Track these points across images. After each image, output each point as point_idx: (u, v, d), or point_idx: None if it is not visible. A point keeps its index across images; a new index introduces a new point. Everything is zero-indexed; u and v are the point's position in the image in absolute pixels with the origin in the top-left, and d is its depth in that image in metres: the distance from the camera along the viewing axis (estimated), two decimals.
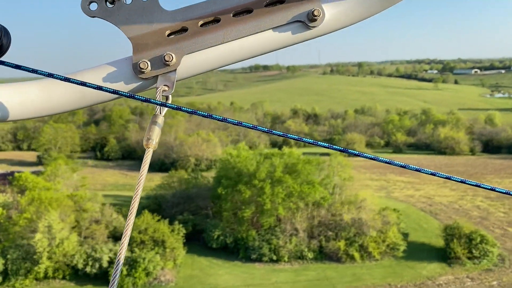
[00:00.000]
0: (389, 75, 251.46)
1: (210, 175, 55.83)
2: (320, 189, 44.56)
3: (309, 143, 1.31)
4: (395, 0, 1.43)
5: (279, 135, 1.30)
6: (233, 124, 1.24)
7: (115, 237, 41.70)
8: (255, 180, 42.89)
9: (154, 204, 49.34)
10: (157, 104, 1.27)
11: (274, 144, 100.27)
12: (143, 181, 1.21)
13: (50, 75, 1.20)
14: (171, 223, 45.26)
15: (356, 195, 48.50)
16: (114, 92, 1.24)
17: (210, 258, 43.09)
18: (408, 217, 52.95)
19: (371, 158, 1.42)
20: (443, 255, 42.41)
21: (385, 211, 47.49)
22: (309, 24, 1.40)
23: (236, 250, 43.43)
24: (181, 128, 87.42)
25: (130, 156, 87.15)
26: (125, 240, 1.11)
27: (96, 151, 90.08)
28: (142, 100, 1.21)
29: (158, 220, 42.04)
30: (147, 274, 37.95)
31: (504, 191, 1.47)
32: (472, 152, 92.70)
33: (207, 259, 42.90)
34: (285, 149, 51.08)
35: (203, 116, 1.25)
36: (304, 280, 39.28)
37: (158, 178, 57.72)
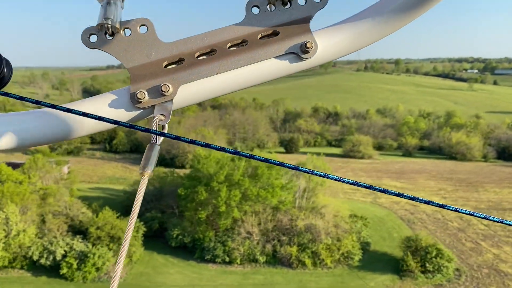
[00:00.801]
0: (426, 74, 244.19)
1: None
2: (280, 194, 44.80)
3: (276, 164, 1.35)
4: (385, 32, 1.48)
5: (246, 157, 1.33)
6: (215, 149, 1.28)
7: (80, 231, 43.57)
8: (214, 182, 43.69)
9: (128, 200, 51.05)
10: (154, 133, 1.33)
11: (281, 143, 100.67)
12: (137, 209, 1.23)
13: (53, 106, 1.26)
14: (139, 220, 46.97)
15: (322, 201, 48.36)
16: (114, 122, 1.30)
17: (168, 256, 44.36)
18: (382, 225, 52.36)
19: (352, 183, 1.39)
20: (398, 267, 41.81)
21: (350, 218, 47.22)
22: (302, 56, 1.44)
23: (193, 250, 44.51)
24: (188, 124, 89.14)
25: (138, 150, 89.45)
26: (121, 259, 1.16)
27: (106, 144, 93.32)
28: (140, 130, 1.27)
29: (118, 217, 43.60)
30: (97, 269, 39.61)
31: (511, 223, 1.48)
32: (485, 158, 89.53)
33: (165, 257, 44.19)
34: (257, 151, 51.20)
35: (201, 145, 1.29)
36: (249, 284, 39.86)
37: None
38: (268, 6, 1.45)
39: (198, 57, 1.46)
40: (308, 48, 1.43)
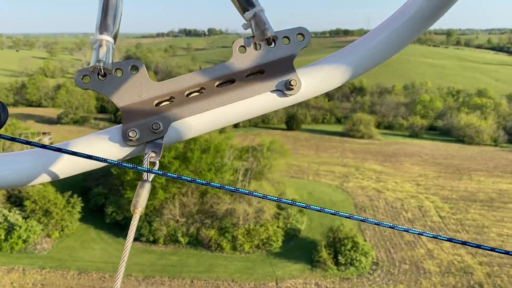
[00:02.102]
0: (478, 47, 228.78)
1: None
2: (209, 176, 45.18)
3: (231, 190, 1.51)
4: (366, 68, 1.61)
5: (216, 187, 1.43)
6: (201, 184, 1.37)
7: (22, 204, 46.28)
8: None
9: (83, 175, 53.44)
10: (145, 171, 1.37)
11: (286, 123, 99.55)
12: (129, 246, 1.28)
13: (43, 147, 1.29)
14: (86, 194, 49.45)
15: (265, 185, 48.26)
16: (103, 160, 1.32)
17: (102, 232, 46.48)
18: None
19: (331, 214, 1.48)
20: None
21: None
22: (286, 92, 1.53)
23: (126, 228, 46.15)
24: None
25: None
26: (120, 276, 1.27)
27: (111, 114, 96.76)
28: (130, 168, 1.31)
29: (56, 191, 45.96)
30: (24, 241, 42.34)
31: (503, 251, 1.47)
32: (496, 143, 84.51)
33: (98, 233, 46.34)
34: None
35: (188, 181, 1.38)
36: (161, 264, 41.12)
37: None
38: (253, 46, 1.53)
39: (187, 95, 1.52)
40: (292, 85, 1.50)
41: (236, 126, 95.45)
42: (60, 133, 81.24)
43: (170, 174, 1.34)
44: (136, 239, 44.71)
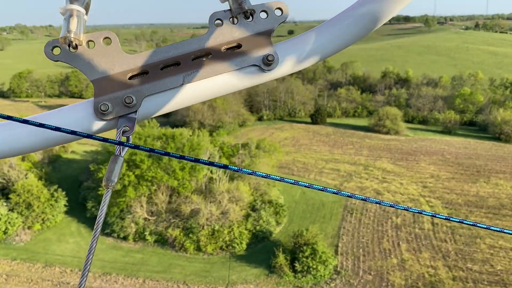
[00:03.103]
0: None
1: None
2: (181, 175, 45.03)
3: (235, 170, 1.44)
4: (345, 44, 1.56)
5: (220, 167, 1.41)
6: (190, 161, 1.35)
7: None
8: None
9: (83, 168, 55.56)
10: (115, 143, 1.33)
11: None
12: (102, 220, 1.23)
13: (9, 118, 1.22)
14: (78, 188, 51.42)
15: (240, 186, 47.40)
16: (72, 132, 1.28)
17: (83, 226, 48.03)
18: (315, 213, 49.79)
19: (319, 190, 1.44)
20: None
21: (264, 204, 45.86)
22: (264, 68, 1.50)
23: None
24: None
25: (169, 114, 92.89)
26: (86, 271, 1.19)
27: None
28: (101, 140, 1.28)
29: (44, 185, 47.99)
30: (4, 232, 44.68)
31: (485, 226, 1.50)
32: None
33: (79, 226, 47.95)
34: (180, 131, 51.33)
35: (161, 154, 1.33)
36: (123, 261, 41.78)
37: None
38: (231, 20, 1.50)
39: (162, 69, 1.48)
40: (270, 61, 1.48)
41: (260, 119, 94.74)
42: None
43: (143, 147, 1.30)
44: (107, 234, 45.75)
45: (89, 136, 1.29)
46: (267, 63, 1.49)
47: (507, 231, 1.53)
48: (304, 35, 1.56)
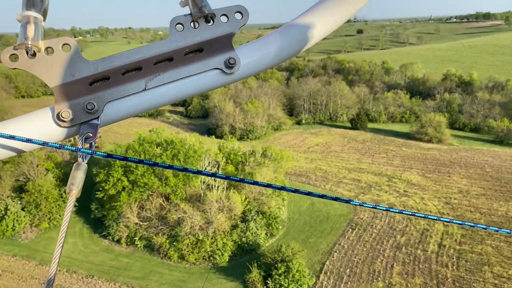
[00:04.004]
0: None
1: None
2: (174, 182, 45.15)
3: (236, 181, 1.46)
4: (303, 45, 1.60)
5: (223, 178, 1.47)
6: (178, 170, 1.39)
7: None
8: (115, 166, 46.67)
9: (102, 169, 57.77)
10: (73, 150, 1.32)
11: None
12: (66, 228, 1.23)
13: None
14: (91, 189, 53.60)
15: (229, 196, 46.57)
16: (28, 141, 1.27)
17: (86, 226, 49.85)
18: (313, 227, 47.87)
19: (318, 197, 1.47)
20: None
21: (257, 215, 44.83)
22: (226, 71, 1.55)
23: (102, 225, 48.84)
24: (243, 95, 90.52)
25: (206, 116, 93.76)
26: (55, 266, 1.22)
27: (185, 108, 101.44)
28: (57, 147, 1.27)
29: (57, 186, 50.42)
30: (13, 229, 47.49)
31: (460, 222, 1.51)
32: None
33: (83, 226, 49.84)
34: (183, 137, 51.40)
35: (119, 159, 1.38)
36: (109, 265, 42.74)
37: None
38: (192, 24, 1.54)
39: (124, 74, 1.49)
40: (231, 64, 1.54)
41: (299, 123, 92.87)
42: (133, 125, 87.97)
43: (100, 153, 1.33)
44: (104, 236, 47.04)
45: (45, 143, 1.29)
46: (229, 66, 1.52)
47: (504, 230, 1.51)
48: (265, 37, 1.59)
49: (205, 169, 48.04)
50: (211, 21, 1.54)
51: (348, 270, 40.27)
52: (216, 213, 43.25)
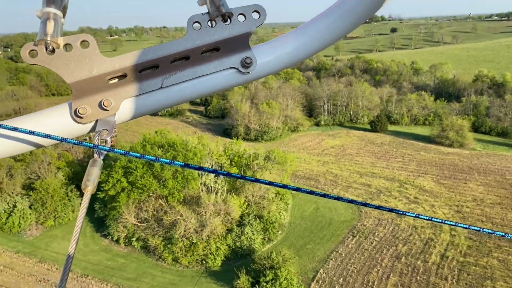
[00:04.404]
0: None
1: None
2: (172, 185, 45.20)
3: (250, 180, 1.46)
4: (320, 47, 1.59)
5: (224, 175, 1.39)
6: (180, 166, 1.38)
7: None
8: (116, 166, 47.17)
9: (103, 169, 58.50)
10: (90, 147, 1.33)
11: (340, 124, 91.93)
12: (81, 223, 1.25)
13: None
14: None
15: (226, 200, 46.24)
16: (46, 136, 1.30)
17: (90, 225, 50.59)
18: (313, 232, 46.98)
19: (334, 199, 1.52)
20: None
21: (254, 220, 44.38)
22: (242, 70, 1.54)
23: (103, 225, 49.44)
24: (262, 95, 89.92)
25: (224, 116, 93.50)
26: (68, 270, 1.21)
27: (205, 108, 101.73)
28: (75, 143, 1.29)
29: (64, 184, 51.53)
30: (19, 226, 48.76)
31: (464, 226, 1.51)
32: None
33: (87, 225, 50.55)
34: (187, 139, 51.33)
35: (136, 157, 1.39)
36: (104, 265, 43.25)
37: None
38: (209, 23, 1.54)
39: (141, 71, 1.50)
40: (248, 63, 1.53)
41: (318, 124, 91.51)
42: (152, 124, 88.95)
43: (118, 150, 1.35)
44: (105, 236, 47.63)
45: (63, 139, 1.30)
46: (245, 65, 1.52)
47: (498, 233, 1.56)
48: (282, 37, 1.58)
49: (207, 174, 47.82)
50: (228, 20, 1.53)
51: (341, 279, 39.20)
52: (211, 216, 42.99)
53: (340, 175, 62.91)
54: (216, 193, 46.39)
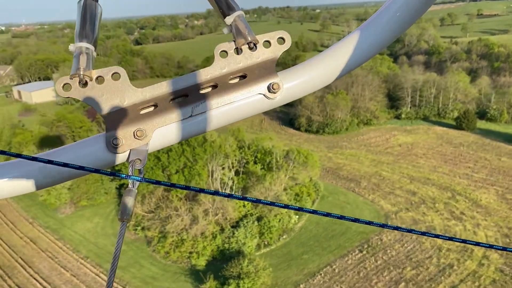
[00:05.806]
0: None
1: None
2: (176, 178, 45.38)
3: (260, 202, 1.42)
4: (346, 70, 1.60)
5: (239, 199, 1.38)
6: (209, 193, 1.37)
7: None
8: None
9: None
10: (124, 178, 1.31)
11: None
12: (118, 253, 1.23)
13: (19, 156, 1.24)
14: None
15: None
16: (80, 168, 1.29)
17: (117, 209, 53.13)
18: (318, 241, 43.74)
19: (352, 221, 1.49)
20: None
21: (252, 224, 42.83)
22: (269, 96, 1.56)
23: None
24: (333, 84, 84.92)
25: (287, 105, 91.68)
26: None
27: None
28: (108, 175, 1.28)
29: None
30: (56, 203, 53.21)
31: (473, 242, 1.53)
32: None
33: (115, 209, 53.21)
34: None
35: (181, 188, 1.37)
36: (107, 250, 45.00)
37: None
38: (235, 50, 1.57)
39: (171, 101, 1.53)
40: (275, 89, 1.55)
41: (398, 117, 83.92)
42: None
43: (150, 180, 1.33)
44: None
45: (96, 170, 1.31)
46: (272, 91, 1.55)
47: (496, 246, 1.53)
48: (309, 61, 1.61)
49: (222, 168, 47.23)
50: (254, 47, 1.56)
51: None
52: (205, 215, 42.19)
53: (388, 179, 57.01)
54: (224, 190, 45.28)
